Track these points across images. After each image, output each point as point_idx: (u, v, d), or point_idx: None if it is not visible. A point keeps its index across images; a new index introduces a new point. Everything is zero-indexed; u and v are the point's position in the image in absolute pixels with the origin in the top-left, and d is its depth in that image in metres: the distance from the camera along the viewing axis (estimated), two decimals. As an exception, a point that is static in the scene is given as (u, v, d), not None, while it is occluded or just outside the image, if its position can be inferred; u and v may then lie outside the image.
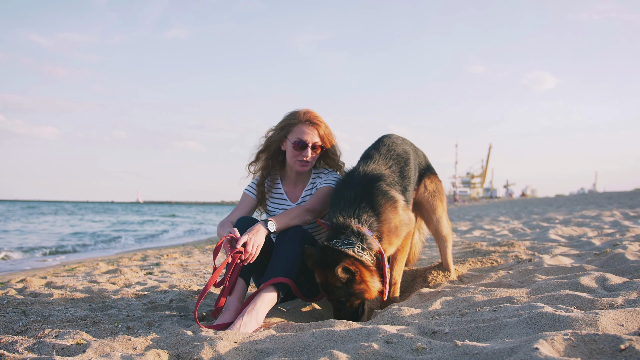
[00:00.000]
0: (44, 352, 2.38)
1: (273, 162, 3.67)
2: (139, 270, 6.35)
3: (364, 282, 2.93)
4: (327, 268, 2.92)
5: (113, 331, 2.92)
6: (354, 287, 2.92)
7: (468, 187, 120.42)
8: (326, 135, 3.54)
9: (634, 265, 3.31)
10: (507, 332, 2.06)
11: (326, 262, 2.94)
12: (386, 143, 3.43)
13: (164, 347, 2.38)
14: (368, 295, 2.97)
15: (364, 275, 2.93)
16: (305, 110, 3.57)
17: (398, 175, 3.30)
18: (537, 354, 1.65)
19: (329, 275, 2.92)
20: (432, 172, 3.73)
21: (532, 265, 3.90)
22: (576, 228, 7.11)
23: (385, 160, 3.32)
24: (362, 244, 2.98)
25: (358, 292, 2.93)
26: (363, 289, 2.94)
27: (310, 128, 3.48)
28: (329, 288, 2.97)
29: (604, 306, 2.37)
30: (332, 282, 2.93)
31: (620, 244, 4.46)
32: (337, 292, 2.94)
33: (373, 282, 2.97)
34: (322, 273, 2.98)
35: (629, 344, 1.67)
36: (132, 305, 3.74)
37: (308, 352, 2.13)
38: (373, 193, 3.10)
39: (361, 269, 2.92)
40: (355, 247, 2.95)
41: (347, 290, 2.93)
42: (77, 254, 12.43)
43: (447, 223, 3.72)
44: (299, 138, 3.47)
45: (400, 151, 3.41)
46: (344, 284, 2.90)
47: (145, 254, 9.41)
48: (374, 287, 2.97)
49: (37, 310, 3.49)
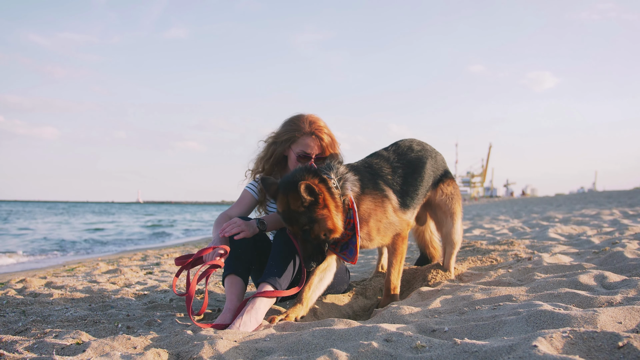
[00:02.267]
0: (44, 351, 2.38)
1: (276, 167, 3.70)
2: (139, 270, 6.35)
3: (327, 208, 2.83)
4: (290, 190, 2.81)
5: (113, 331, 2.92)
6: (316, 212, 2.81)
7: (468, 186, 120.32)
8: (329, 145, 3.56)
9: (633, 264, 3.31)
10: (506, 330, 2.07)
11: (292, 181, 2.83)
12: (400, 147, 3.45)
13: (164, 346, 2.39)
14: (331, 224, 2.85)
15: (328, 202, 2.84)
16: (311, 120, 3.56)
17: (401, 179, 3.28)
18: (536, 351, 1.66)
19: (291, 199, 2.81)
20: (449, 176, 3.71)
21: (532, 263, 3.90)
22: (575, 227, 7.12)
23: (390, 162, 3.32)
24: (338, 183, 2.92)
25: (320, 218, 2.82)
26: (325, 215, 2.83)
27: (315, 141, 3.50)
28: (291, 215, 2.85)
29: (602, 304, 2.37)
30: (295, 208, 2.81)
31: (619, 242, 4.46)
32: (300, 218, 2.83)
33: (337, 216, 2.87)
34: (284, 198, 2.86)
35: (627, 341, 1.68)
36: (132, 305, 3.74)
37: (308, 350, 2.13)
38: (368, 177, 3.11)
39: (326, 194, 2.84)
40: (330, 181, 2.89)
41: (310, 216, 2.81)
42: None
43: (460, 229, 3.67)
44: (302, 151, 3.51)
45: (413, 159, 3.41)
46: (306, 207, 2.79)
47: (146, 254, 9.42)
48: (337, 221, 2.87)
49: (37, 310, 3.49)
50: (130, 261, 7.92)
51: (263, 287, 3.03)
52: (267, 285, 3.04)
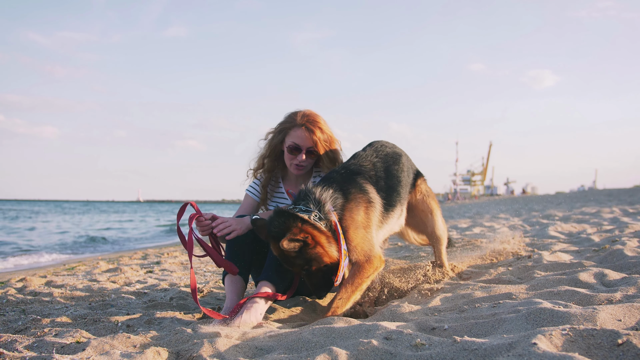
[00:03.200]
0: (44, 350, 2.38)
1: (278, 163, 3.68)
2: (139, 268, 6.35)
3: (319, 245, 2.81)
4: (279, 238, 2.78)
5: (113, 329, 2.92)
6: (309, 252, 2.80)
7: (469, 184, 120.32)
8: (322, 140, 3.47)
9: (633, 261, 3.31)
10: (506, 328, 2.07)
11: (276, 232, 2.83)
12: (374, 145, 3.41)
13: (163, 344, 2.39)
14: (327, 258, 2.84)
15: (319, 239, 2.82)
16: (304, 113, 3.53)
17: (383, 173, 3.23)
18: (536, 349, 1.66)
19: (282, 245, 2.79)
20: (421, 175, 3.68)
21: (532, 261, 3.90)
22: (576, 225, 7.12)
23: (369, 158, 3.27)
24: (320, 213, 2.88)
25: (315, 256, 2.82)
26: (319, 253, 2.82)
27: (306, 133, 3.44)
28: (287, 259, 2.86)
29: (602, 302, 2.37)
30: (288, 253, 2.82)
31: (619, 240, 4.46)
32: (296, 261, 2.84)
33: (330, 247, 2.85)
34: (276, 244, 2.83)
35: (627, 339, 1.68)
36: (132, 304, 3.74)
37: (308, 348, 2.13)
38: (348, 181, 3.06)
39: (313, 232, 2.81)
40: (312, 215, 2.86)
41: (304, 257, 2.81)
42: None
43: (442, 224, 3.68)
44: (293, 142, 3.46)
45: (390, 152, 3.38)
46: (298, 252, 2.79)
47: (146, 253, 9.42)
48: (332, 252, 2.85)
49: (37, 309, 3.50)
50: (131, 260, 7.92)
51: (262, 285, 3.03)
52: (266, 283, 3.04)
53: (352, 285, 2.89)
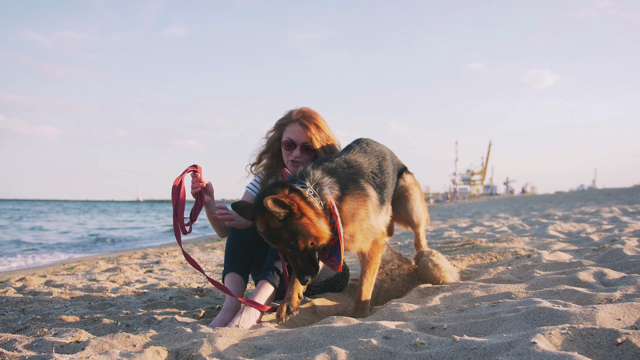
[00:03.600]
0: (43, 350, 2.38)
1: (277, 160, 3.67)
2: (138, 268, 6.35)
3: (306, 217, 2.68)
4: (264, 209, 2.63)
5: (112, 329, 2.92)
6: (294, 223, 2.66)
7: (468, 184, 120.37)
8: (318, 136, 3.45)
9: (632, 261, 3.31)
10: (506, 327, 2.07)
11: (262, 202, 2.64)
12: (366, 141, 3.37)
13: (163, 344, 2.39)
14: (314, 231, 2.70)
15: (305, 210, 2.69)
16: (300, 109, 3.53)
17: (377, 169, 3.20)
18: (535, 348, 1.66)
19: (268, 217, 2.67)
20: (407, 170, 3.66)
21: (531, 261, 3.91)
22: (575, 224, 7.12)
23: (364, 153, 3.22)
24: (315, 190, 2.80)
25: (301, 227, 2.66)
26: (306, 224, 2.67)
27: (300, 128, 3.43)
28: (273, 234, 2.71)
29: (601, 301, 2.37)
30: (274, 225, 2.67)
31: (619, 239, 4.46)
32: (282, 235, 2.68)
33: (319, 221, 2.72)
34: (263, 218, 2.70)
35: (626, 338, 1.68)
36: (132, 303, 3.74)
37: (307, 348, 2.13)
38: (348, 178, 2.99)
39: (300, 202, 2.69)
40: (307, 190, 2.77)
41: (290, 229, 2.66)
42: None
43: (420, 208, 3.57)
44: (288, 138, 3.46)
45: (377, 149, 3.35)
46: (283, 222, 2.64)
47: (145, 252, 9.42)
48: (320, 226, 2.72)
49: (37, 309, 3.49)
50: (130, 259, 7.92)
51: (262, 284, 3.04)
52: (265, 282, 3.04)
53: (370, 273, 3.08)
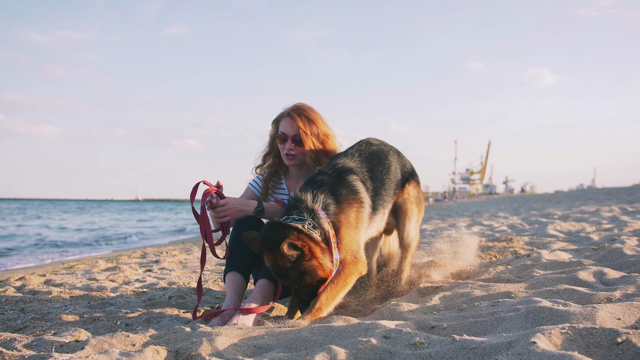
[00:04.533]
0: (43, 349, 2.38)
1: (280, 160, 3.69)
2: (138, 267, 6.35)
3: (315, 258, 2.75)
4: (274, 248, 2.72)
5: (112, 328, 2.92)
6: (304, 264, 2.73)
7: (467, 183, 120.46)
8: (308, 128, 3.45)
9: (632, 260, 3.31)
10: (505, 327, 2.07)
11: (273, 241, 2.74)
12: (361, 143, 3.34)
13: (162, 343, 2.38)
14: (322, 272, 2.78)
15: (314, 251, 2.75)
16: (294, 104, 3.55)
17: (367, 174, 3.16)
18: (535, 347, 1.65)
19: (278, 256, 2.73)
20: (415, 178, 3.55)
21: (531, 260, 3.90)
22: (575, 223, 7.12)
23: (359, 156, 3.20)
24: (314, 221, 2.83)
25: (309, 269, 2.75)
26: (314, 266, 2.75)
27: (291, 121, 3.45)
28: (281, 271, 2.79)
29: (601, 300, 2.37)
30: (282, 264, 2.74)
31: (618, 239, 4.46)
32: (290, 273, 2.76)
33: (324, 259, 2.78)
34: (271, 255, 2.78)
35: (626, 337, 1.68)
36: (131, 302, 3.74)
37: (306, 347, 2.13)
38: (338, 181, 2.98)
39: (310, 243, 2.74)
40: (305, 223, 2.80)
41: (299, 269, 2.74)
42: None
43: (414, 232, 3.47)
44: (280, 131, 3.49)
45: (375, 150, 3.29)
46: (293, 262, 2.72)
47: (145, 252, 9.42)
48: (326, 264, 2.79)
49: (36, 308, 3.49)
50: (130, 259, 7.91)
51: (261, 284, 3.03)
52: (265, 281, 3.04)
53: (336, 286, 2.84)
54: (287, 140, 3.47)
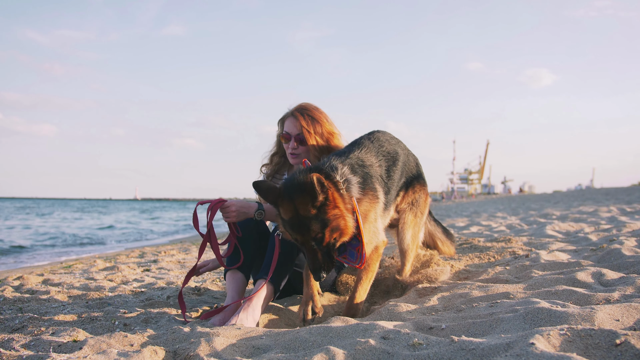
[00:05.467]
0: (41, 349, 2.37)
1: (286, 159, 3.72)
2: (136, 267, 6.34)
3: (338, 208, 2.59)
4: (297, 193, 2.54)
5: (110, 328, 2.91)
6: (328, 213, 2.55)
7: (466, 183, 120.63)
8: (311, 127, 3.46)
9: (631, 261, 3.31)
10: (504, 328, 2.07)
11: (296, 186, 2.55)
12: (380, 138, 3.24)
13: (160, 343, 2.38)
14: (343, 224, 2.61)
15: (338, 202, 2.60)
16: (299, 104, 3.58)
17: (385, 173, 3.12)
18: (533, 349, 1.65)
19: (300, 204, 2.54)
20: (420, 182, 3.51)
21: (529, 261, 3.90)
22: (573, 224, 7.13)
23: (376, 153, 3.13)
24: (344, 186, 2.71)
25: (333, 219, 2.56)
26: (338, 215, 2.58)
27: (293, 120, 3.50)
28: (301, 222, 2.57)
29: (600, 301, 2.37)
30: (304, 213, 2.54)
31: (617, 239, 4.47)
32: (311, 224, 2.55)
33: (348, 216, 2.63)
34: (291, 204, 2.58)
35: (625, 339, 1.68)
36: (129, 302, 3.73)
37: (305, 348, 2.13)
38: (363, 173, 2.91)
39: (335, 192, 2.61)
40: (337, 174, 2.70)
41: (322, 218, 2.54)
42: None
43: (410, 238, 3.43)
44: (285, 130, 3.54)
45: (391, 150, 3.24)
46: (318, 208, 2.53)
47: (143, 251, 9.41)
48: (349, 221, 2.63)
49: (34, 308, 3.48)
50: (128, 258, 7.90)
51: (260, 284, 3.03)
52: (264, 282, 3.03)
53: (366, 278, 3.00)
54: (290, 139, 3.52)
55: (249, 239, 3.28)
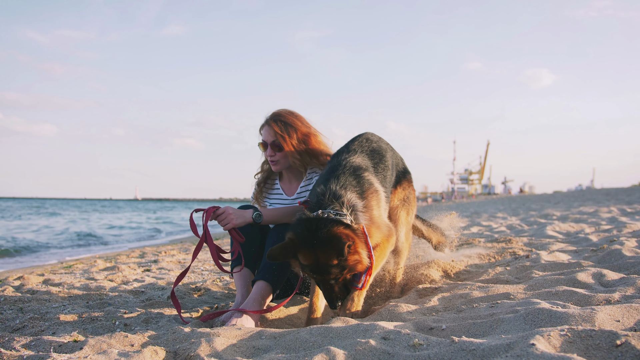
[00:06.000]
0: (41, 349, 2.37)
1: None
2: (136, 267, 6.34)
3: (357, 253, 2.67)
4: (320, 247, 2.59)
5: (110, 328, 2.91)
6: (349, 260, 2.63)
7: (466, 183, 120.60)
8: (285, 133, 3.49)
9: (631, 261, 3.31)
10: (504, 328, 2.07)
11: (317, 237, 2.60)
12: (369, 138, 3.29)
13: (161, 343, 2.38)
14: (361, 266, 2.70)
15: (357, 246, 2.68)
16: (273, 112, 3.62)
17: (373, 170, 3.11)
18: (534, 349, 1.65)
19: (322, 255, 2.61)
20: (407, 178, 3.53)
21: (530, 261, 3.91)
22: (573, 224, 7.13)
23: (367, 153, 3.15)
24: (351, 217, 2.74)
25: (353, 264, 2.66)
26: (357, 260, 2.67)
27: (268, 128, 3.54)
28: (322, 269, 2.64)
29: (600, 302, 2.37)
30: (325, 261, 2.61)
31: (617, 240, 4.47)
32: (331, 270, 2.64)
33: (363, 252, 2.71)
34: (312, 253, 2.63)
35: (625, 340, 1.68)
36: (130, 302, 3.74)
37: (305, 348, 2.13)
38: (356, 178, 2.92)
39: (355, 238, 2.67)
40: (347, 218, 2.71)
41: (342, 265, 2.63)
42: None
43: (404, 236, 3.44)
44: (262, 139, 3.60)
45: (376, 147, 3.25)
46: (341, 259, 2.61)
47: (143, 251, 9.41)
48: (365, 260, 2.71)
49: (35, 308, 3.48)
50: (128, 258, 7.90)
51: (260, 285, 3.03)
52: (263, 283, 3.04)
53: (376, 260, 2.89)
54: (267, 147, 3.56)
55: (253, 237, 3.32)
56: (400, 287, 3.58)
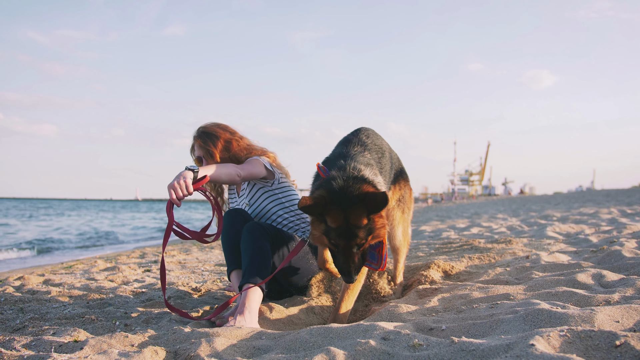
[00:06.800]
0: (42, 349, 2.38)
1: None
2: (137, 267, 6.35)
3: (382, 217, 2.63)
4: (352, 205, 2.50)
5: (110, 328, 2.92)
6: (377, 222, 2.58)
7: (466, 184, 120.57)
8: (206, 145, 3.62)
9: (631, 262, 3.31)
10: (504, 329, 2.07)
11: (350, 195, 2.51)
12: (370, 134, 3.19)
13: (161, 344, 2.38)
14: (384, 232, 2.64)
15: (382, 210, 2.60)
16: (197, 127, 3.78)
17: (382, 167, 3.10)
18: (533, 350, 1.66)
19: (353, 214, 2.51)
20: (404, 177, 3.51)
21: (529, 262, 3.91)
22: (574, 225, 7.13)
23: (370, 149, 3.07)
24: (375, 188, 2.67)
25: (379, 227, 2.59)
26: (382, 225, 2.61)
27: (195, 144, 3.73)
28: (349, 231, 2.53)
29: (600, 303, 2.37)
30: (355, 222, 2.51)
31: (617, 241, 4.47)
32: (359, 232, 2.53)
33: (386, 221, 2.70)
34: (341, 213, 2.52)
35: (625, 340, 1.68)
36: (130, 303, 3.74)
37: (305, 348, 2.13)
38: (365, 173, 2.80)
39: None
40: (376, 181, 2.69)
41: (370, 227, 2.56)
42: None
43: (401, 234, 3.44)
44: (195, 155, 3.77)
45: (380, 144, 3.21)
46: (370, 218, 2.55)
47: (144, 252, 9.41)
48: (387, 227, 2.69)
49: (35, 308, 3.49)
50: (129, 259, 7.91)
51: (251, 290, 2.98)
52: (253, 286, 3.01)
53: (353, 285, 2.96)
54: (201, 161, 3.69)
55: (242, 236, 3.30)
56: (401, 288, 3.59)
